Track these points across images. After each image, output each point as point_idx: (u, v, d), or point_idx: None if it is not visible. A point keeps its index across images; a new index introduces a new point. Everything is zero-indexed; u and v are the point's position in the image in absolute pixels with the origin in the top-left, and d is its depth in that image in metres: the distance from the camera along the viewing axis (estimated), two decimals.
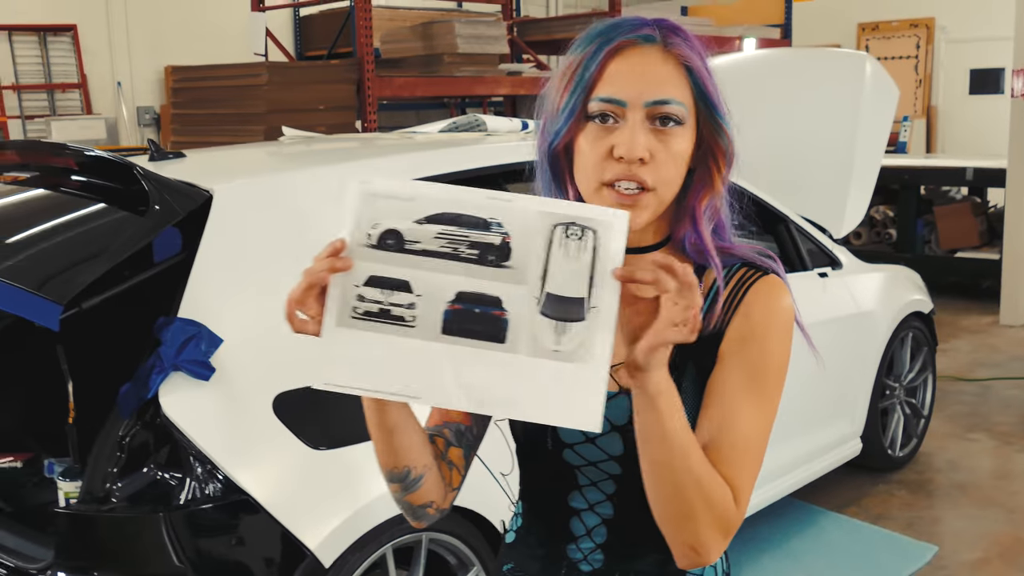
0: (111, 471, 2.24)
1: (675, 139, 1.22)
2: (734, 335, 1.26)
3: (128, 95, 10.63)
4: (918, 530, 4.01)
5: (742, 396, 1.23)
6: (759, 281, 1.27)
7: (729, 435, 1.22)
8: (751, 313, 1.26)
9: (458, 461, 1.39)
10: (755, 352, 1.24)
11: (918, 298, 4.56)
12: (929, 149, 12.05)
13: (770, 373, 1.25)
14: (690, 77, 1.23)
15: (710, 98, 1.24)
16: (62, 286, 2.09)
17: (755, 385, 1.24)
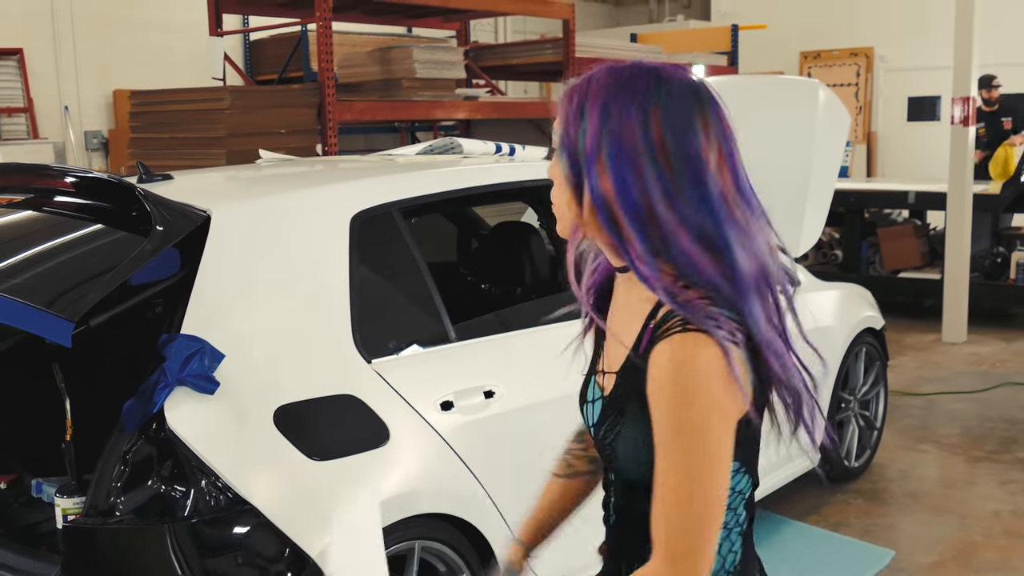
0: (116, 485, 2.28)
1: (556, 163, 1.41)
2: (650, 387, 1.32)
3: (75, 119, 10.54)
4: (875, 536, 4.18)
5: (662, 452, 1.30)
6: (677, 335, 1.30)
7: (660, 493, 1.31)
8: (659, 366, 1.30)
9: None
10: (663, 408, 1.30)
11: (871, 314, 4.76)
12: (870, 173, 12.43)
13: (681, 427, 1.28)
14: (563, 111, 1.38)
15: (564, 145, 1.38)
16: (72, 304, 2.15)
17: (669, 440, 1.29)
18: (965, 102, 7.19)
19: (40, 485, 2.88)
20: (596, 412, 1.46)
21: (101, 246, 2.49)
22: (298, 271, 2.62)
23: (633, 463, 1.39)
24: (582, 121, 1.33)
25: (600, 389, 1.47)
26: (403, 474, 2.57)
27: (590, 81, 1.35)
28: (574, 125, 1.34)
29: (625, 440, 1.39)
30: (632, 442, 1.38)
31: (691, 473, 1.29)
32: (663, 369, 1.30)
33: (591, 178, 1.32)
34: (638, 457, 1.37)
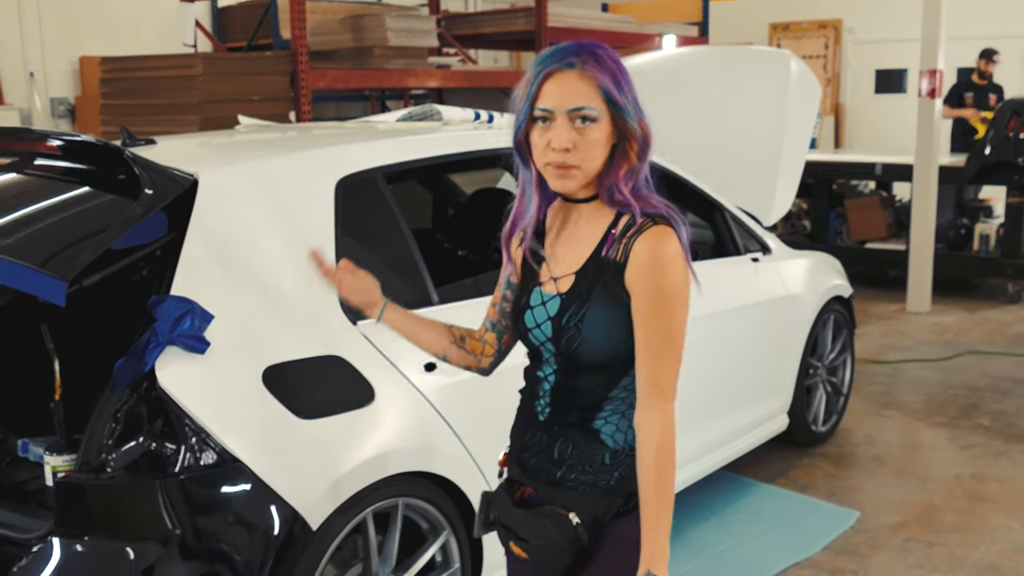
0: (107, 442, 2.32)
1: (592, 132, 1.77)
2: (633, 271, 1.77)
3: (41, 86, 10.39)
4: (841, 498, 4.30)
5: (648, 319, 1.76)
6: (649, 229, 1.77)
7: (647, 347, 1.77)
8: (640, 253, 1.76)
9: (491, 341, 2.09)
10: (649, 286, 1.76)
11: (839, 283, 4.86)
12: (837, 145, 12.57)
13: (664, 297, 1.75)
14: (600, 90, 1.76)
15: (617, 102, 1.77)
16: (66, 264, 2.17)
17: (655, 309, 1.76)
18: (932, 74, 7.31)
19: (26, 445, 2.90)
20: (552, 309, 1.85)
21: (90, 208, 2.50)
22: (284, 234, 2.66)
23: (596, 339, 1.80)
24: (621, 86, 1.77)
25: (551, 293, 1.87)
26: (388, 433, 2.63)
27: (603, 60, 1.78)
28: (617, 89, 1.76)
29: (591, 320, 1.80)
30: (597, 321, 1.80)
31: (671, 328, 1.76)
32: (644, 255, 1.76)
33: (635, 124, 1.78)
34: (601, 333, 1.80)
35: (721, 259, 4.23)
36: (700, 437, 3.91)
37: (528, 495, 1.94)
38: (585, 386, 1.85)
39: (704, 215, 4.30)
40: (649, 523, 1.75)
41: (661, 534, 1.75)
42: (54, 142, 2.72)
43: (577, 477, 1.86)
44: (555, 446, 1.89)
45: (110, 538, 2.30)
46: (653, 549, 1.74)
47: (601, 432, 1.86)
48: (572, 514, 1.85)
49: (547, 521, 1.86)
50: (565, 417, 1.88)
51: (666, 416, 1.76)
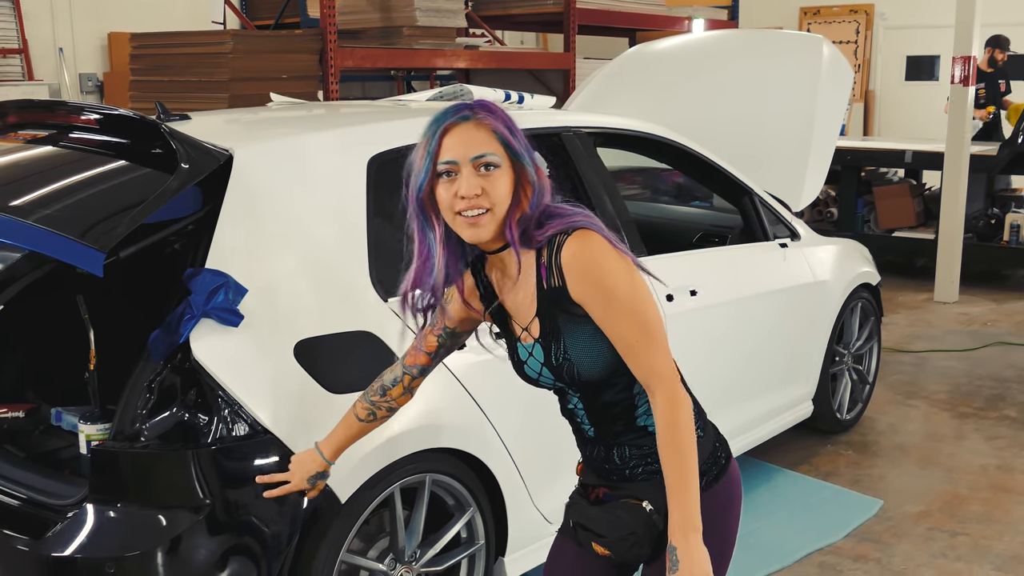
0: (141, 412, 2.36)
1: (496, 177, 1.82)
2: (575, 286, 1.81)
3: (70, 61, 10.48)
4: (864, 486, 4.30)
5: (609, 318, 1.80)
6: (567, 240, 1.82)
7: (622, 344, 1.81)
8: (570, 266, 1.80)
9: (420, 384, 2.18)
10: (592, 289, 1.79)
11: (867, 270, 4.84)
12: (866, 132, 12.46)
13: (611, 292, 1.79)
14: (497, 136, 1.81)
15: (513, 147, 1.82)
16: (104, 235, 2.20)
17: (610, 306, 1.79)
18: (966, 61, 7.23)
19: (60, 414, 2.95)
20: (539, 355, 1.91)
21: (127, 182, 2.53)
22: (317, 210, 2.68)
23: (588, 359, 1.85)
24: (515, 135, 1.83)
25: (529, 343, 1.92)
26: (417, 409, 2.64)
27: (494, 110, 1.85)
28: (512, 139, 1.83)
29: (573, 348, 1.85)
30: (578, 344, 1.85)
31: (634, 314, 1.79)
32: (574, 265, 1.80)
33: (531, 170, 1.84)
34: (589, 352, 1.85)
35: (749, 244, 4.22)
36: (723, 422, 3.83)
37: (603, 495, 2.01)
38: (611, 399, 1.91)
39: (733, 200, 4.29)
40: (673, 497, 1.78)
41: (688, 505, 1.77)
42: (91, 115, 2.75)
43: (645, 468, 1.94)
44: (614, 453, 1.96)
45: (143, 505, 2.35)
46: (676, 519, 1.78)
47: (649, 426, 1.92)
48: (645, 502, 1.91)
49: (621, 513, 1.93)
50: (611, 427, 1.95)
51: (670, 394, 1.80)
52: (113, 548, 2.29)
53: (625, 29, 9.36)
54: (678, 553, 1.75)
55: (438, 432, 2.70)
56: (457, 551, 2.85)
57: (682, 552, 1.75)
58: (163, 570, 2.29)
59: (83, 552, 2.29)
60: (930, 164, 8.13)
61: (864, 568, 3.59)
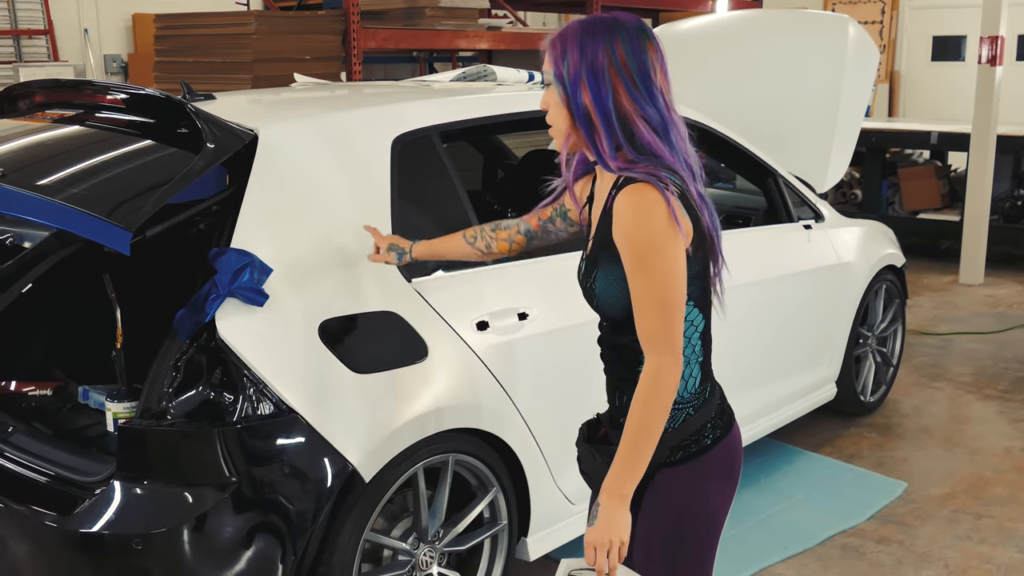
0: (167, 390, 2.38)
1: (549, 95, 1.91)
2: (616, 231, 1.84)
3: (95, 42, 10.53)
4: (888, 468, 4.28)
5: (632, 273, 1.82)
6: (629, 187, 1.82)
7: (636, 300, 1.83)
8: (618, 211, 1.83)
9: (520, 242, 2.33)
10: (627, 240, 1.82)
11: (892, 252, 4.80)
12: (891, 113, 12.34)
13: (641, 250, 1.80)
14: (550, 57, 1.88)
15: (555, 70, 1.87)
16: (131, 214, 2.22)
17: (636, 263, 1.81)
18: (993, 41, 7.14)
19: (87, 392, 2.98)
20: (582, 271, 1.97)
21: (153, 161, 2.54)
22: (342, 190, 2.68)
23: (607, 297, 1.90)
24: (565, 59, 1.85)
25: (583, 255, 1.99)
26: (440, 389, 2.66)
27: (567, 31, 1.87)
28: (560, 62, 1.85)
29: (600, 281, 1.90)
30: (604, 281, 1.89)
31: (653, 282, 1.80)
32: (622, 212, 1.82)
33: (575, 96, 1.84)
34: (609, 292, 1.89)
35: (773, 226, 4.19)
36: (747, 404, 3.90)
37: (601, 435, 2.07)
38: (622, 341, 1.94)
39: (757, 181, 4.26)
40: (616, 460, 1.84)
41: (624, 473, 1.82)
42: (118, 95, 2.76)
43: None
44: (615, 394, 2.03)
45: (169, 483, 2.37)
46: (610, 481, 1.83)
47: None
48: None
49: (600, 459, 1.95)
50: (617, 368, 2.00)
51: (656, 369, 1.82)
52: (140, 525, 2.31)
53: (648, 9, 9.30)
54: (600, 509, 1.82)
55: (461, 412, 2.71)
56: (480, 531, 2.87)
57: (604, 509, 1.82)
58: (189, 547, 2.32)
59: (110, 528, 2.31)
60: (956, 145, 8.04)
61: (888, 550, 3.58)
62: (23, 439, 2.67)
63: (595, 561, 1.82)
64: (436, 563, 2.74)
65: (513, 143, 5.03)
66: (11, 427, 2.71)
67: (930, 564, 3.49)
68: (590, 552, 1.83)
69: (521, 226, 2.29)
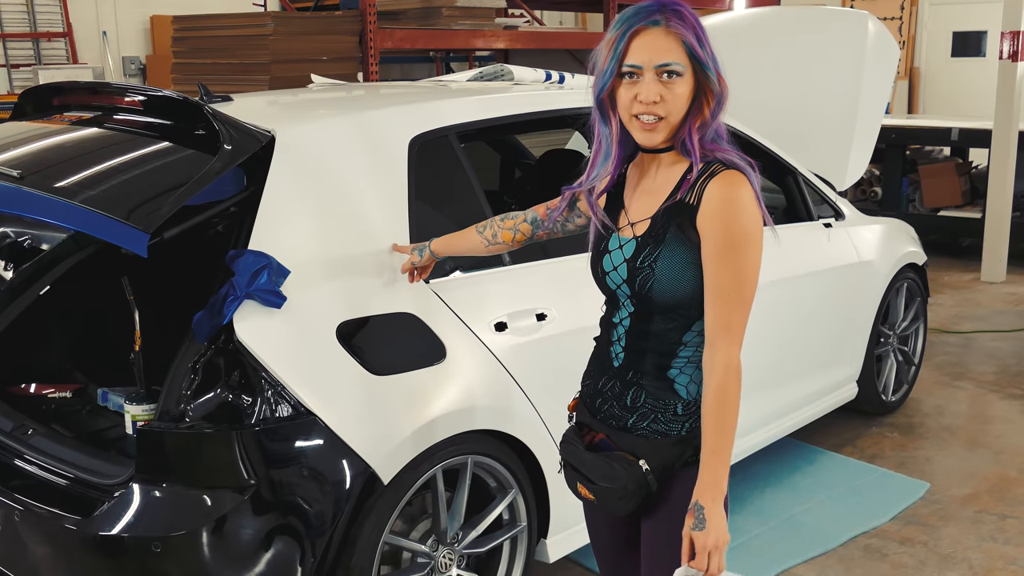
0: (186, 392, 2.37)
1: (677, 86, 1.84)
2: (705, 213, 1.83)
3: (114, 45, 10.58)
4: (910, 468, 4.24)
5: (718, 260, 1.81)
6: (721, 173, 1.84)
7: (714, 288, 1.83)
8: (712, 196, 1.82)
9: (525, 231, 2.32)
10: (719, 227, 1.81)
11: (913, 250, 4.76)
12: (910, 110, 12.25)
13: (734, 239, 1.81)
14: (684, 45, 1.82)
15: (700, 58, 1.83)
16: (148, 216, 2.21)
17: (725, 251, 1.81)
18: (1015, 36, 7.06)
19: (106, 394, 2.99)
20: (628, 251, 1.92)
21: (171, 162, 2.54)
22: (359, 191, 2.67)
23: (668, 278, 1.86)
24: (702, 45, 1.83)
25: (627, 237, 1.94)
26: (459, 391, 2.64)
27: (685, 16, 1.84)
28: (700, 48, 1.83)
29: (664, 260, 1.86)
30: (669, 261, 1.86)
31: (741, 270, 1.81)
32: (716, 198, 1.81)
33: (719, 84, 1.85)
34: (673, 273, 1.85)
35: (793, 224, 4.16)
36: (767, 404, 3.87)
37: (599, 440, 2.00)
38: (659, 328, 1.91)
39: (777, 179, 4.22)
40: (706, 458, 1.81)
41: (718, 469, 1.80)
42: (136, 97, 2.76)
43: (649, 425, 1.93)
44: (628, 393, 1.96)
45: (188, 485, 2.36)
46: (706, 481, 1.80)
47: (676, 382, 1.92)
48: (642, 461, 1.91)
49: (617, 465, 1.92)
50: (639, 364, 1.95)
51: (730, 358, 1.81)
52: (159, 527, 2.31)
53: None
54: (706, 512, 1.79)
55: (480, 414, 2.69)
56: (499, 533, 2.85)
57: (709, 512, 1.79)
58: (208, 550, 2.31)
59: (129, 531, 2.31)
60: (977, 142, 7.97)
61: (911, 551, 3.54)
62: (43, 441, 2.67)
63: (709, 566, 1.79)
64: (455, 565, 2.73)
65: (530, 143, 5.01)
66: (31, 429, 2.71)
67: (954, 565, 3.45)
68: (703, 557, 1.79)
69: (528, 215, 2.29)
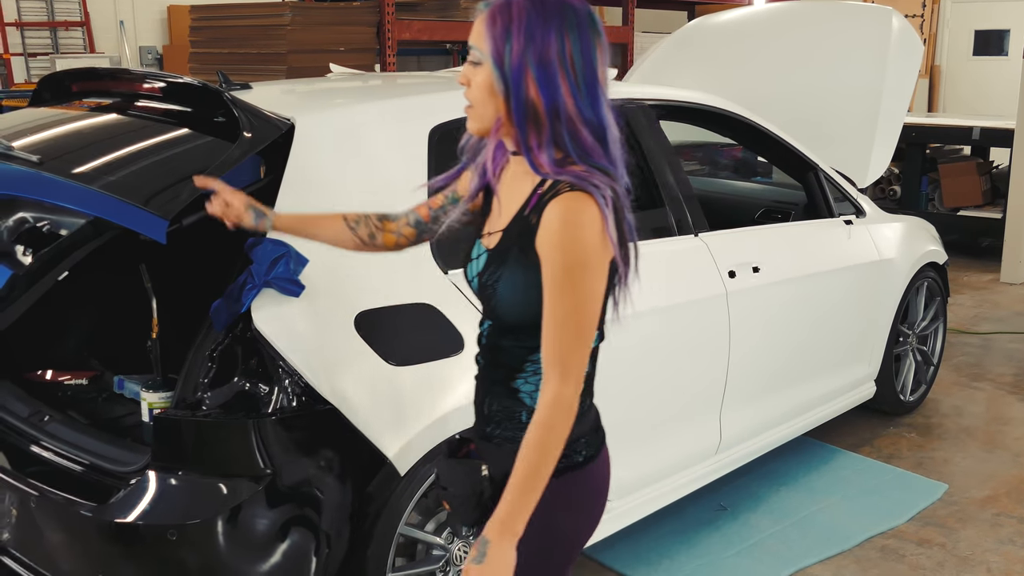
0: (203, 381, 2.36)
1: (476, 75, 1.70)
2: (541, 237, 1.66)
3: (131, 34, 10.60)
4: (928, 469, 4.20)
5: (553, 289, 1.66)
6: (566, 193, 1.65)
7: (550, 318, 1.67)
8: (549, 219, 1.65)
9: (408, 235, 2.08)
10: (555, 253, 1.65)
11: (934, 249, 4.71)
12: (931, 108, 12.16)
13: (569, 268, 1.64)
14: (487, 34, 1.66)
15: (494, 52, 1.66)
16: (167, 202, 2.20)
17: (561, 280, 1.65)
18: None
19: (122, 382, 2.98)
20: (480, 264, 1.80)
21: (190, 149, 2.53)
22: (378, 180, 2.65)
23: (510, 301, 1.73)
24: (508, 41, 1.64)
25: (484, 248, 1.81)
26: None
27: (510, 6, 1.66)
28: (502, 44, 1.65)
29: (505, 282, 1.73)
30: (511, 283, 1.72)
31: (577, 302, 1.65)
32: (555, 221, 1.64)
33: (518, 88, 1.65)
34: (515, 296, 1.72)
35: (813, 221, 4.13)
36: (782, 402, 3.84)
37: (471, 450, 1.92)
38: (508, 345, 1.79)
39: (797, 175, 4.19)
40: (508, 490, 1.67)
41: (517, 506, 1.65)
42: (155, 83, 2.75)
43: (501, 433, 1.82)
44: (484, 401, 1.86)
45: (204, 474, 2.35)
46: (499, 515, 1.66)
47: (520, 391, 1.80)
48: (484, 467, 1.82)
49: (460, 470, 1.84)
50: (493, 373, 1.84)
51: (559, 392, 1.66)
52: (175, 515, 2.30)
53: (684, 2, 9.21)
54: (489, 548, 1.65)
55: None
56: None
57: (494, 548, 1.65)
58: (223, 538, 2.30)
59: (145, 519, 2.30)
60: (999, 141, 7.90)
61: (928, 553, 3.51)
62: (59, 428, 2.66)
63: None
64: None
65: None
66: (47, 416, 2.71)
67: (972, 568, 3.41)
68: None
69: (411, 217, 2.08)
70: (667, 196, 3.39)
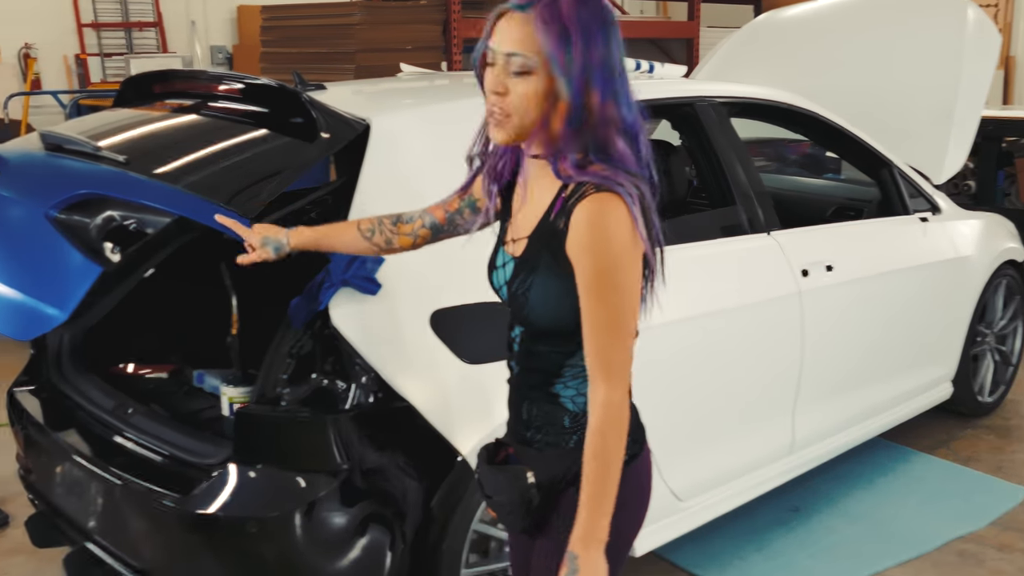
0: (282, 377, 2.40)
1: (522, 84, 1.61)
2: (572, 242, 1.63)
3: (202, 34, 10.80)
4: (1008, 473, 4.10)
5: (589, 294, 1.63)
6: (592, 195, 1.61)
7: (589, 323, 1.64)
8: (578, 223, 1.62)
9: (424, 236, 2.07)
10: (587, 258, 1.62)
11: (1013, 246, 4.60)
12: (1006, 101, 11.85)
13: (604, 271, 1.61)
14: (540, 39, 1.58)
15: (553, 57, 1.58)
16: (248, 201, 2.25)
17: (596, 284, 1.62)
18: None
19: (202, 376, 3.05)
20: (508, 272, 1.77)
21: (268, 150, 2.57)
22: (453, 180, 2.66)
23: (543, 309, 1.70)
24: (568, 46, 1.57)
25: (509, 255, 1.78)
26: None
27: (558, 6, 1.59)
28: (562, 49, 1.57)
29: (537, 290, 1.70)
30: (543, 291, 1.69)
31: (614, 304, 1.62)
32: (583, 224, 1.61)
33: (580, 94, 1.59)
34: (548, 303, 1.69)
35: (887, 218, 4.05)
36: (854, 403, 3.78)
37: (509, 454, 1.90)
38: (544, 351, 1.76)
39: (871, 171, 4.12)
40: (582, 505, 1.66)
41: (594, 516, 1.65)
42: (233, 85, 2.80)
43: (543, 438, 1.80)
44: (522, 406, 1.83)
45: (283, 468, 2.40)
46: (583, 530, 1.65)
47: (561, 396, 1.78)
48: (530, 472, 1.79)
49: (503, 477, 1.81)
50: (529, 378, 1.81)
51: (609, 397, 1.64)
52: (255, 508, 2.35)
53: None
54: (579, 562, 1.64)
55: None
56: None
57: (583, 561, 1.64)
58: (301, 532, 2.34)
59: (226, 511, 2.35)
60: None
61: (1009, 558, 3.43)
62: (142, 420, 2.73)
63: None
64: None
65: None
66: (131, 408, 2.78)
67: None
68: None
69: (426, 219, 2.05)
70: (739, 194, 3.36)
